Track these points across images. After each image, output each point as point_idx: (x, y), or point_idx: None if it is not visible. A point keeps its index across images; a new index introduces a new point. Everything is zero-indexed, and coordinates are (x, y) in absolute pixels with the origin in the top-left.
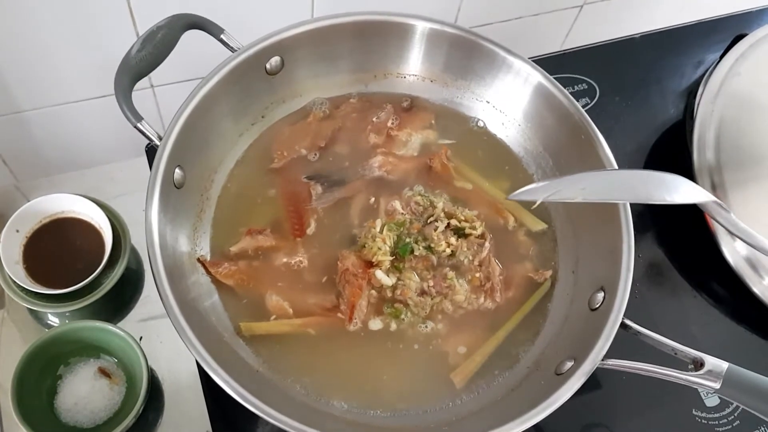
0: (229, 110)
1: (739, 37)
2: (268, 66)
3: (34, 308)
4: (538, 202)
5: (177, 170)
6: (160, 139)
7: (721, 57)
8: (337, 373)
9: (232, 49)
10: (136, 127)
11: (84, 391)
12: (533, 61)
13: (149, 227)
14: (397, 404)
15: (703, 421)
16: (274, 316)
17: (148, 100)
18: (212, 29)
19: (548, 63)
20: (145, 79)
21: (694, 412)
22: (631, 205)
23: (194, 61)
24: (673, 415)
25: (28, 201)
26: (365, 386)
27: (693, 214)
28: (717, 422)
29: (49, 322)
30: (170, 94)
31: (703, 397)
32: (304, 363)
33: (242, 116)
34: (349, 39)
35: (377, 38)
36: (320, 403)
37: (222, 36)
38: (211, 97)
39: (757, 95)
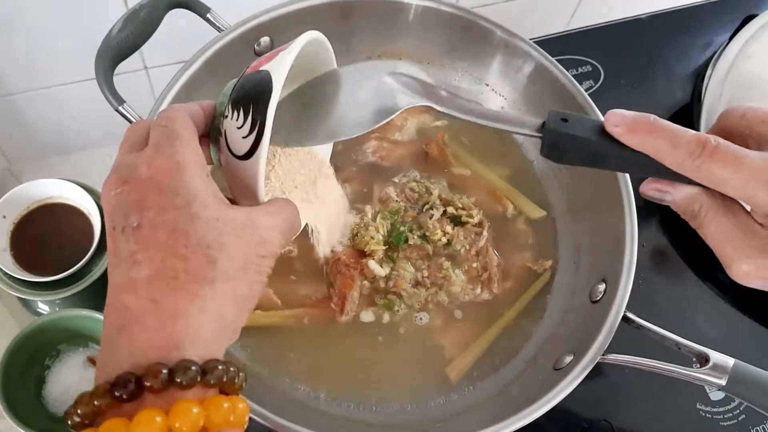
0: (215, 94)
1: (749, 18)
2: (256, 47)
3: (23, 296)
4: None
5: None
6: None
7: (731, 38)
8: (328, 367)
9: (219, 29)
10: (117, 110)
11: (72, 380)
12: (536, 42)
13: None
14: (390, 399)
15: (707, 415)
16: (261, 308)
17: (141, 81)
18: (197, 8)
19: (551, 44)
20: (139, 60)
21: (698, 406)
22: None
23: (189, 41)
24: (676, 409)
25: (20, 184)
26: (356, 380)
27: None
28: (722, 416)
29: (39, 309)
30: (165, 75)
31: (708, 391)
32: (293, 356)
33: None
34: (341, 18)
35: (371, 17)
36: (309, 398)
37: (208, 15)
38: (195, 81)
39: (767, 78)
